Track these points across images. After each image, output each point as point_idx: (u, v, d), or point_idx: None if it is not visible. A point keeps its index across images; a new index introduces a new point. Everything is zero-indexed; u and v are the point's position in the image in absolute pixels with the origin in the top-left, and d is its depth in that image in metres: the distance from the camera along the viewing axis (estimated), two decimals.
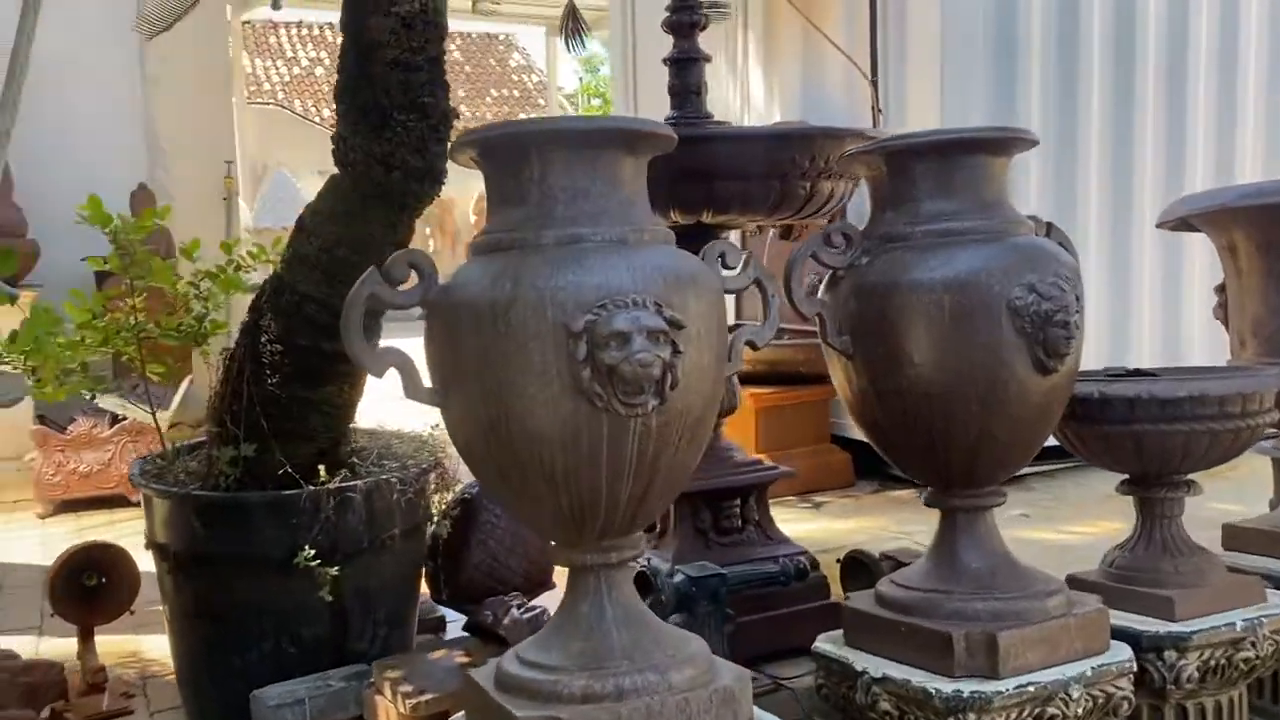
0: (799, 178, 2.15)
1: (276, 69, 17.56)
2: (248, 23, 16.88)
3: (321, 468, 1.97)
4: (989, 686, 1.68)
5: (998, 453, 1.78)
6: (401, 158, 1.88)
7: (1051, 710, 1.70)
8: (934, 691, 1.69)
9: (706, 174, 2.12)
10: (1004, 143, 1.83)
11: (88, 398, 2.08)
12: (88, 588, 2.25)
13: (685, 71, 2.39)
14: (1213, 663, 1.89)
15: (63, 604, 2.22)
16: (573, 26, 2.68)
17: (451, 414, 1.50)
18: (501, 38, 18.42)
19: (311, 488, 1.93)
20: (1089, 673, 1.74)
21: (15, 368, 1.84)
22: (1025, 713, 1.69)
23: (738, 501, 2.43)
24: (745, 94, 4.72)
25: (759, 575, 2.23)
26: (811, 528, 3.47)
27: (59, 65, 4.41)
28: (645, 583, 2.09)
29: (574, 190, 1.49)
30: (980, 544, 1.85)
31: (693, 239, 2.23)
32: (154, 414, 2.41)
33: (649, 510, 1.54)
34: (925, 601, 1.81)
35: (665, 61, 2.41)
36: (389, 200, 1.92)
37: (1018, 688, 1.68)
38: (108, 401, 4.08)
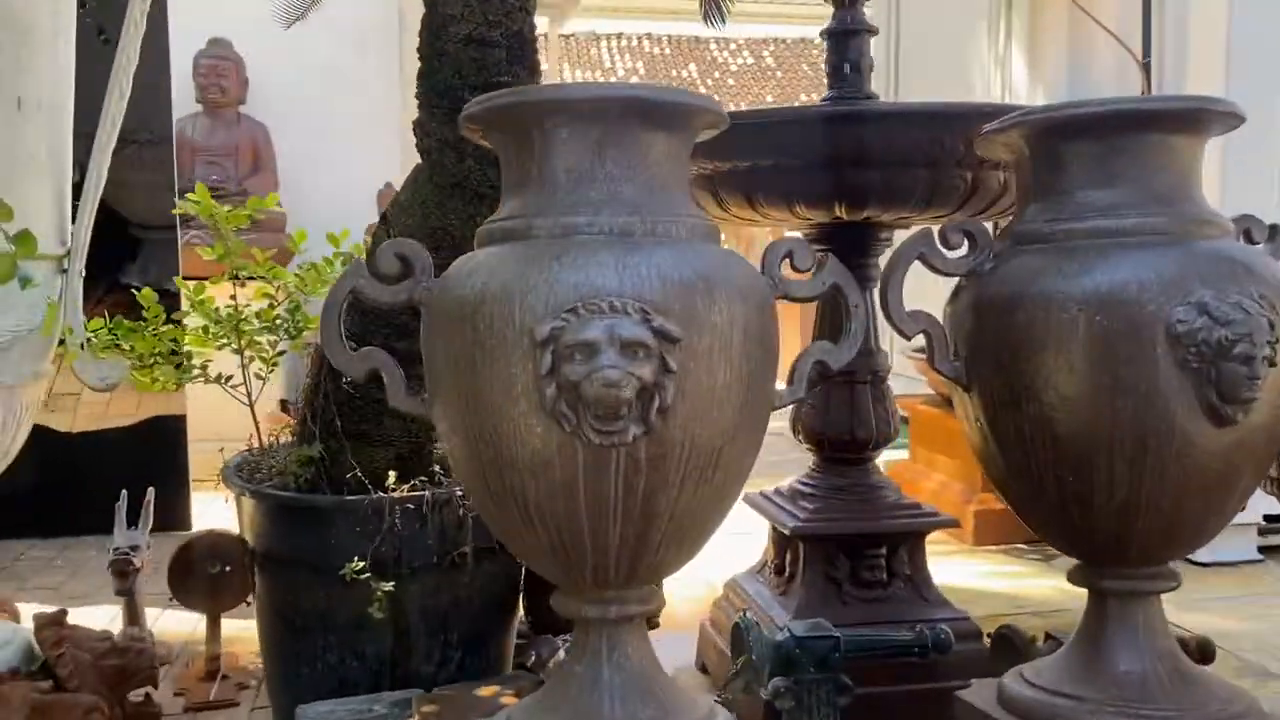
0: (954, 165, 1.77)
1: (594, 79, 18.29)
2: (569, 36, 17.67)
3: (393, 475, 1.85)
4: None
5: (1158, 524, 1.35)
6: (476, 143, 1.72)
7: None
8: None
9: (834, 161, 1.80)
10: (1190, 117, 1.38)
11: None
12: (211, 575, 2.26)
13: (842, 45, 2.06)
14: None
15: (183, 591, 2.25)
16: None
17: (440, 427, 1.31)
18: (817, 42, 18.18)
19: (376, 494, 1.81)
20: None
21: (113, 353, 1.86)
22: None
23: (883, 550, 2.07)
24: (1006, 79, 4.21)
25: (886, 643, 1.87)
26: (1034, 585, 2.97)
27: (322, 71, 4.70)
28: (739, 637, 1.80)
29: (578, 173, 1.25)
30: (1135, 640, 1.42)
31: (844, 240, 1.91)
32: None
33: (659, 560, 1.27)
34: (1050, 708, 1.40)
35: (822, 35, 2.09)
36: (465, 190, 1.76)
37: None
38: None
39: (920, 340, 1.48)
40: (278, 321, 1.99)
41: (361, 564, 1.75)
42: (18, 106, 1.70)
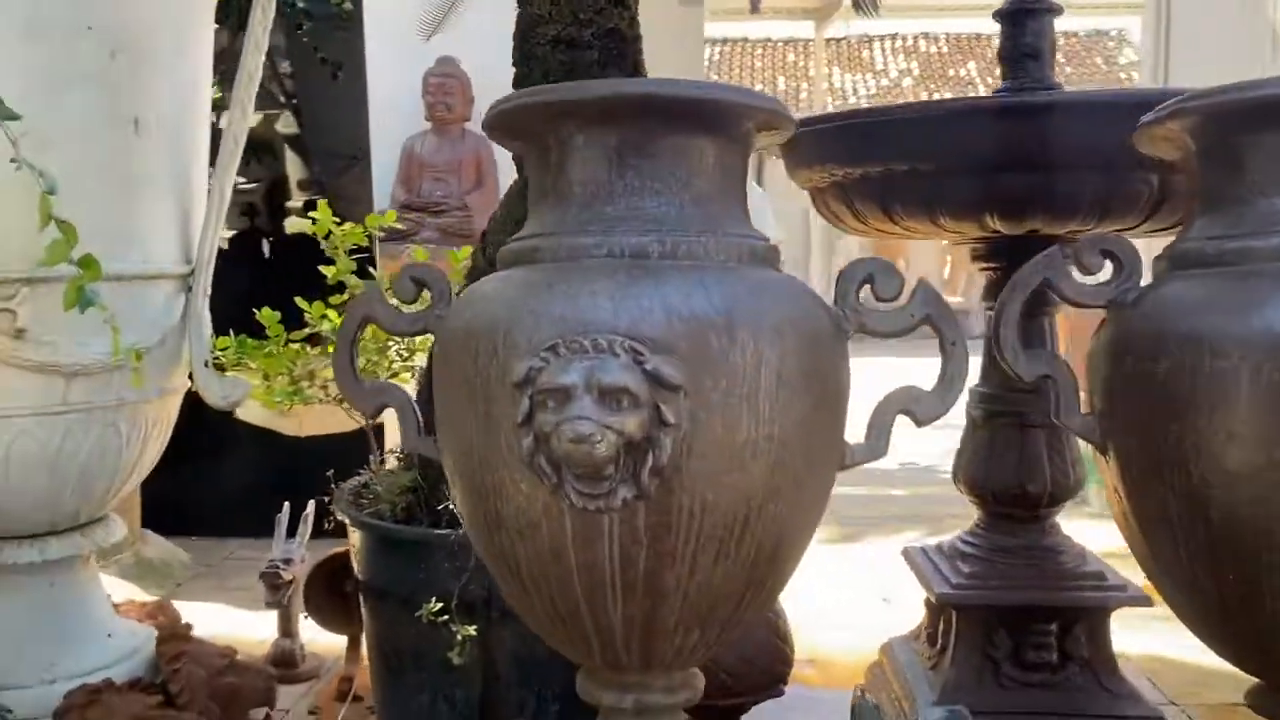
0: (1134, 167, 1.43)
1: (864, 82, 17.74)
2: (839, 40, 17.29)
3: None
4: None
5: None
6: None
7: None
8: None
9: (980, 164, 1.50)
10: None
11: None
12: (345, 594, 2.24)
13: (1019, 27, 1.73)
14: None
15: (316, 609, 2.24)
16: None
17: (447, 470, 1.17)
18: (1112, 33, 16.91)
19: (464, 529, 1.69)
20: None
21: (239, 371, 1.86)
22: None
23: (1053, 627, 1.72)
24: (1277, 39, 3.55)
25: None
26: None
27: None
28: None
29: (594, 186, 1.07)
30: None
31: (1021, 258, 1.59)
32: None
33: (681, 644, 1.06)
34: None
35: (995, 16, 1.78)
36: None
37: None
38: None
39: None
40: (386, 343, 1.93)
41: (440, 604, 1.64)
42: (135, 128, 1.73)
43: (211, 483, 3.67)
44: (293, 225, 4.58)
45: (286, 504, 2.45)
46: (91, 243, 1.68)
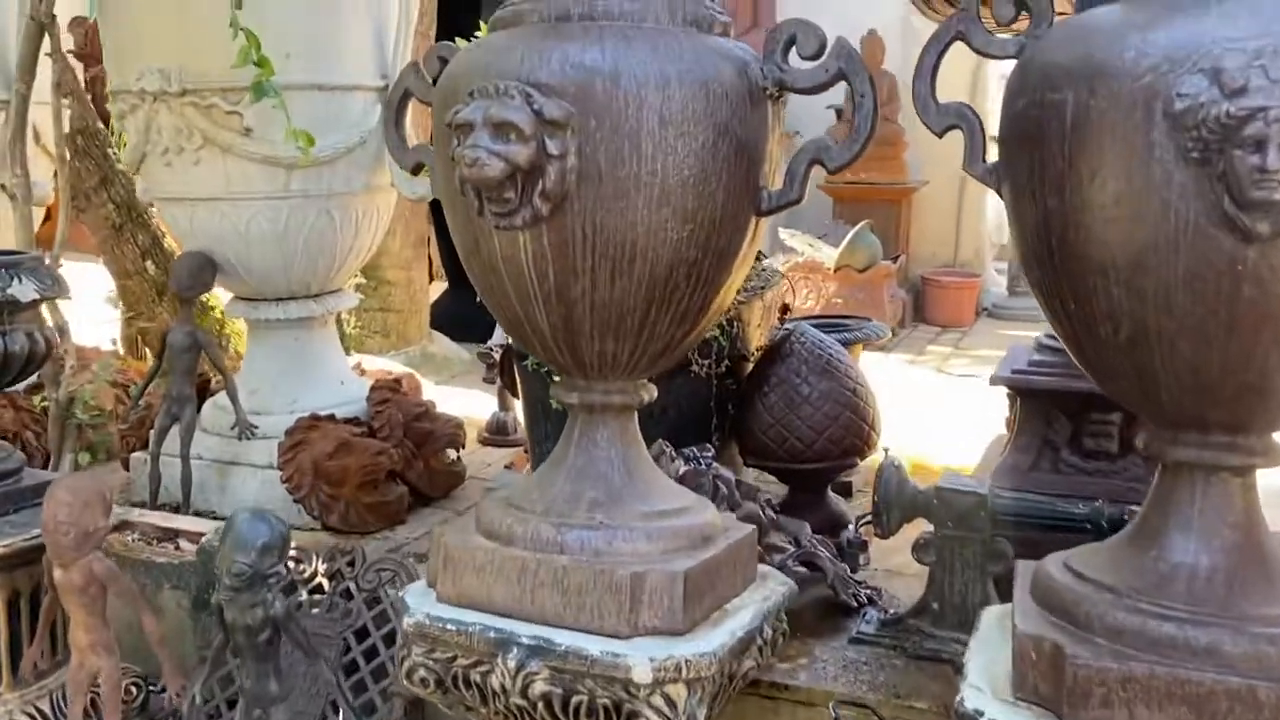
0: None
1: None
2: None
3: None
4: None
5: (1185, 370, 1.03)
6: None
7: None
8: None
9: None
10: None
11: None
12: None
13: None
14: None
15: (510, 383, 2.63)
16: None
17: None
18: None
19: None
20: None
21: None
22: None
23: (1114, 417, 1.71)
24: None
25: (1048, 513, 1.61)
26: None
27: None
28: (878, 476, 1.68)
29: None
30: (1190, 527, 1.10)
31: None
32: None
33: (603, 350, 1.28)
34: (1073, 595, 1.14)
35: None
36: None
37: None
38: (796, 240, 4.38)
39: None
40: None
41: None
42: None
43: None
44: None
45: None
46: (297, 57, 2.10)
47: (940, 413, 3.11)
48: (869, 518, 1.69)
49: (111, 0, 2.15)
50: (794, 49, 1.24)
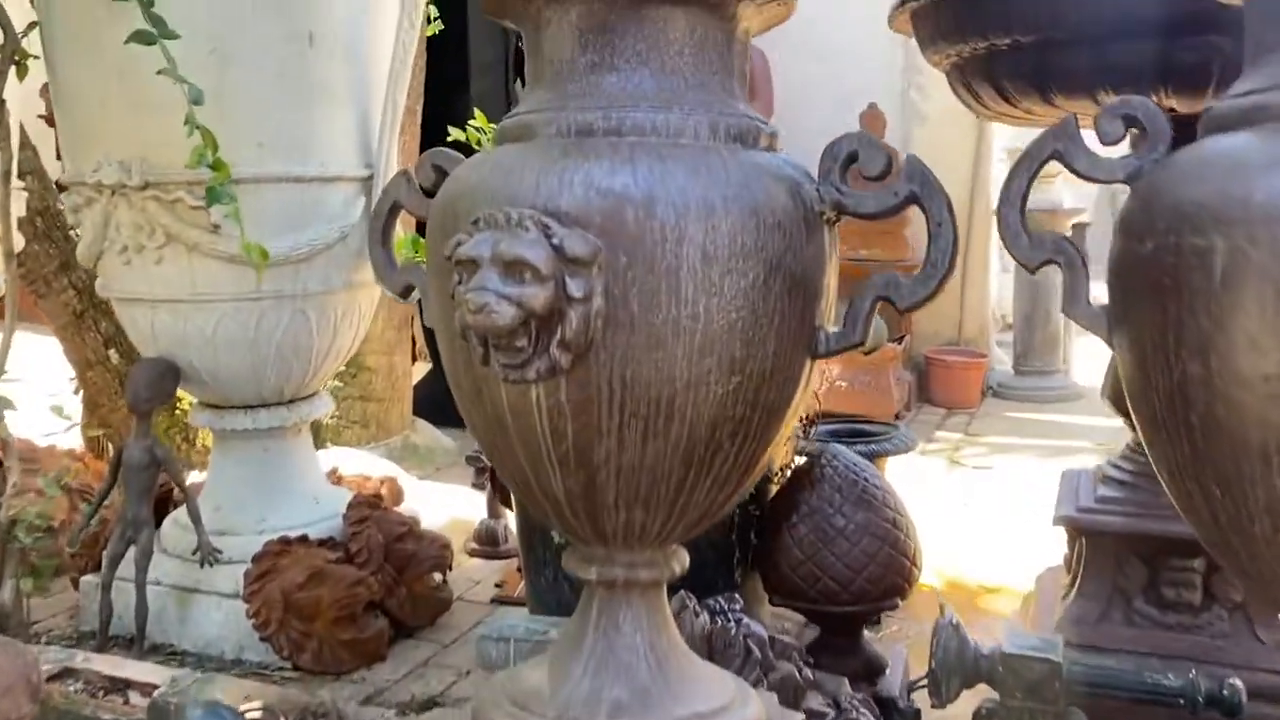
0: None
1: None
2: None
3: None
4: None
5: None
6: None
7: None
8: None
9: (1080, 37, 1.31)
10: None
11: None
12: None
13: None
14: None
15: (503, 492, 2.41)
16: None
17: None
18: None
19: None
20: None
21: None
22: None
23: (1197, 563, 1.51)
24: None
25: (1137, 684, 1.40)
26: None
27: None
28: (933, 636, 1.47)
29: (561, 63, 1.08)
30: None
31: None
32: None
33: (628, 520, 1.07)
34: None
35: None
36: None
37: None
38: None
39: None
40: None
41: None
42: (309, 42, 1.91)
43: None
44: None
45: None
46: (271, 147, 1.91)
47: (964, 517, 2.90)
48: (922, 682, 1.47)
49: (66, 84, 1.94)
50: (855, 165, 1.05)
